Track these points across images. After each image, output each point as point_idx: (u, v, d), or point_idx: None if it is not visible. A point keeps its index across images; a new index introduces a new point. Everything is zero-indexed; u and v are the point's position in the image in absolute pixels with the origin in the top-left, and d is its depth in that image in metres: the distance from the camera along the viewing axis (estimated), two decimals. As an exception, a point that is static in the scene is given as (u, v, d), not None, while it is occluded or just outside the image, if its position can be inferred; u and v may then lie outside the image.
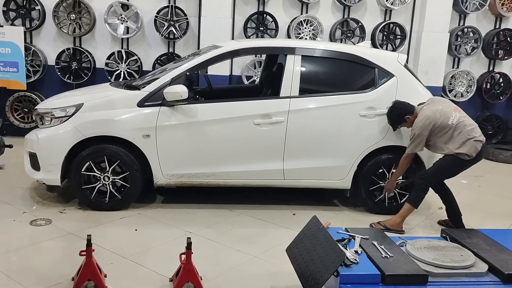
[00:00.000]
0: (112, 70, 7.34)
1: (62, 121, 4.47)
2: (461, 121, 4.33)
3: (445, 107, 4.42)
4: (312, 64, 4.94)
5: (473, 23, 8.19)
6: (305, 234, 3.21)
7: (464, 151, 4.29)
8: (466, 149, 4.29)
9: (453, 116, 4.33)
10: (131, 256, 3.70)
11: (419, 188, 4.43)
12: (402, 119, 4.50)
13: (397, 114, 4.51)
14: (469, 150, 4.29)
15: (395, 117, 4.52)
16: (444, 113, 4.34)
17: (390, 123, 4.60)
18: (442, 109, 4.38)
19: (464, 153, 4.29)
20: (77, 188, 4.54)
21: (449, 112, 4.36)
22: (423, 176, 4.46)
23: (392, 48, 7.91)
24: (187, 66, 4.69)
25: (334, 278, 2.76)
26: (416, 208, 4.49)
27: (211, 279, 3.42)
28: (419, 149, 4.40)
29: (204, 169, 4.63)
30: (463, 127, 4.31)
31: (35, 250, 3.78)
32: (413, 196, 4.48)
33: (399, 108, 4.51)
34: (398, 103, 4.55)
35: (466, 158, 4.32)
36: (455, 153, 4.31)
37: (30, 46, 7.20)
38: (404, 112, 4.49)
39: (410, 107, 4.50)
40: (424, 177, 4.44)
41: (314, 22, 7.55)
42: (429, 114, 4.33)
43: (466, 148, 4.29)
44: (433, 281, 2.78)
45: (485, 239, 3.30)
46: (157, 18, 7.32)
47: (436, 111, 4.35)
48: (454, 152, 4.31)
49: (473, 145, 4.29)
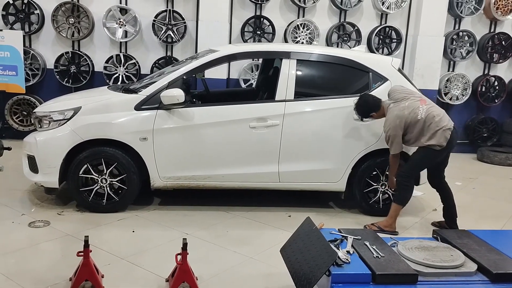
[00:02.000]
0: (111, 73, 7.40)
1: (60, 124, 4.53)
2: (429, 113, 4.35)
3: (411, 102, 4.41)
4: (307, 68, 5.02)
5: (468, 27, 8.27)
6: (299, 235, 3.26)
7: (434, 142, 4.33)
8: (436, 140, 4.32)
9: (421, 110, 4.35)
10: (128, 257, 3.76)
11: (401, 186, 4.50)
12: (368, 114, 4.57)
13: (363, 110, 4.57)
14: (439, 140, 4.33)
15: (361, 112, 4.60)
16: (412, 110, 4.36)
17: (357, 114, 4.65)
18: (409, 105, 4.39)
19: (435, 144, 4.33)
20: (75, 190, 4.60)
21: (416, 107, 4.38)
22: (402, 173, 4.51)
23: (388, 51, 7.98)
24: (183, 70, 4.75)
25: (326, 278, 2.82)
26: (403, 206, 4.55)
27: (207, 279, 3.48)
28: (400, 148, 4.44)
29: (200, 171, 4.69)
30: (431, 118, 4.33)
31: (33, 251, 3.83)
32: (398, 195, 4.55)
33: (363, 103, 4.56)
34: (363, 100, 4.58)
35: (437, 148, 4.36)
36: (426, 145, 4.36)
37: (29, 50, 7.27)
38: (368, 107, 4.54)
39: (376, 103, 4.54)
40: (403, 174, 4.50)
41: (311, 26, 7.63)
42: (398, 113, 4.36)
43: (436, 139, 4.32)
44: (423, 281, 2.83)
45: (475, 239, 3.35)
46: (155, 22, 7.39)
47: (404, 108, 4.38)
48: (425, 144, 4.36)
49: (442, 134, 4.33)
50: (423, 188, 5.32)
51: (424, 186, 5.12)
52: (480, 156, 8.14)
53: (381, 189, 4.96)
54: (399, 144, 4.42)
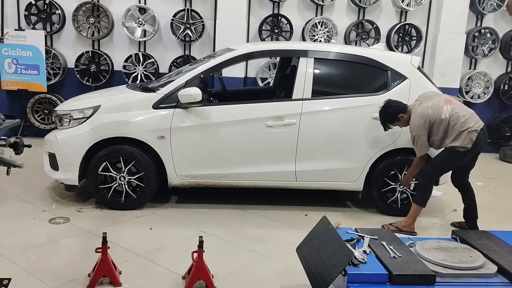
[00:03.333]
0: (130, 72, 7.49)
1: (80, 122, 4.60)
2: (454, 113, 4.25)
3: (436, 102, 4.33)
4: (324, 67, 4.99)
5: (491, 24, 8.11)
6: (315, 234, 3.25)
7: (458, 143, 4.22)
8: (460, 142, 4.22)
9: (445, 110, 4.26)
10: (145, 254, 3.80)
11: (421, 187, 4.43)
12: (396, 118, 4.42)
13: (391, 112, 4.42)
14: (463, 142, 4.21)
15: (390, 115, 4.43)
16: (436, 109, 4.28)
17: (382, 122, 4.48)
18: (433, 104, 4.31)
19: (459, 146, 4.23)
20: (94, 187, 4.66)
21: (440, 107, 4.29)
22: (423, 173, 4.44)
23: (408, 49, 7.88)
24: (201, 68, 4.78)
25: (342, 277, 2.80)
26: (424, 207, 4.48)
27: (222, 277, 3.49)
28: (426, 149, 4.34)
29: (217, 170, 4.71)
30: (456, 119, 4.23)
31: (53, 247, 3.91)
32: (418, 195, 4.48)
33: (392, 106, 4.43)
34: (391, 101, 4.48)
35: (462, 150, 4.26)
36: (451, 146, 4.27)
37: (50, 50, 7.40)
38: (398, 110, 4.41)
39: (403, 105, 4.45)
40: (425, 175, 4.42)
41: (329, 24, 7.58)
42: (422, 112, 4.28)
43: (460, 141, 4.22)
44: (441, 282, 2.80)
45: (496, 240, 3.30)
46: (174, 21, 7.44)
47: (428, 107, 4.29)
48: (449, 146, 4.27)
49: (467, 136, 4.21)
50: (443, 188, 5.24)
51: (444, 186, 5.04)
52: (503, 156, 7.98)
53: (399, 188, 4.90)
54: (424, 145, 4.31)
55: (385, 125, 4.52)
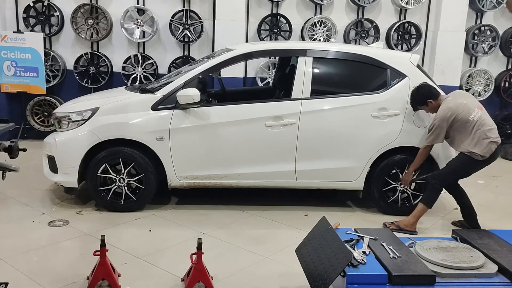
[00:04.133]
0: (129, 74, 7.47)
1: (79, 124, 4.59)
2: (482, 120, 4.30)
3: (469, 103, 4.39)
4: (323, 66, 4.97)
5: (490, 21, 8.08)
6: (314, 235, 3.23)
7: (478, 151, 4.26)
8: (480, 149, 4.26)
9: (475, 113, 4.30)
10: (145, 256, 3.79)
11: (432, 188, 4.41)
12: (425, 102, 4.48)
13: (422, 94, 4.48)
14: (483, 150, 4.26)
15: (419, 97, 4.50)
16: (467, 108, 4.31)
17: (411, 102, 4.58)
18: (466, 103, 4.35)
19: (478, 153, 4.26)
20: (94, 190, 4.65)
21: (472, 108, 4.33)
22: (437, 176, 4.43)
23: (408, 48, 7.86)
24: (199, 69, 4.76)
25: (341, 278, 2.78)
26: (430, 208, 4.46)
27: (222, 279, 3.48)
28: (439, 140, 4.37)
29: (217, 171, 4.69)
30: (482, 125, 4.28)
31: (52, 250, 3.90)
32: (427, 196, 4.46)
33: (425, 89, 4.50)
34: (426, 84, 4.55)
35: (479, 158, 4.28)
36: (469, 152, 4.28)
37: (49, 52, 7.39)
38: (429, 94, 4.47)
39: (436, 92, 4.51)
40: (438, 177, 4.42)
41: (328, 23, 7.55)
42: (452, 106, 4.31)
43: (481, 148, 4.25)
44: (441, 282, 2.77)
45: (496, 239, 3.27)
46: (172, 22, 7.42)
47: (460, 104, 4.33)
48: (468, 151, 4.28)
49: (488, 145, 4.26)
50: (444, 187, 5.21)
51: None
52: (504, 154, 7.93)
53: (400, 188, 4.88)
54: (439, 136, 4.34)
55: (414, 105, 4.59)
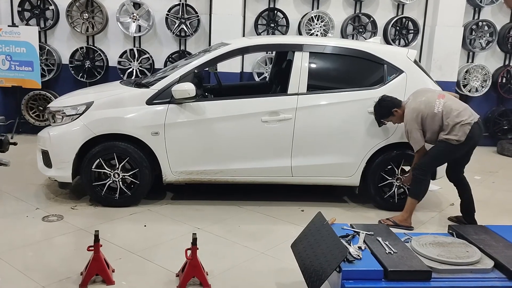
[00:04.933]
0: (125, 68, 7.42)
1: (73, 119, 4.54)
2: (447, 107, 4.24)
3: (429, 97, 4.34)
4: (320, 61, 4.94)
5: (488, 17, 8.05)
6: (310, 230, 3.21)
7: (452, 137, 4.21)
8: (453, 135, 4.21)
9: (438, 104, 4.26)
10: (139, 252, 3.76)
11: (416, 180, 4.40)
12: (390, 112, 4.44)
13: (385, 106, 4.45)
14: (457, 134, 4.20)
15: (384, 109, 4.46)
16: (428, 103, 4.27)
17: (376, 117, 4.53)
18: (426, 99, 4.32)
19: (452, 139, 4.22)
20: (88, 185, 4.62)
21: (433, 101, 4.28)
22: (418, 166, 4.41)
23: (405, 43, 7.83)
24: (195, 64, 4.72)
25: (336, 274, 2.77)
26: (419, 201, 4.45)
27: (217, 274, 3.45)
28: (422, 142, 4.32)
29: (212, 166, 4.66)
30: (449, 113, 4.23)
31: (46, 245, 3.87)
32: (413, 189, 4.44)
33: (387, 101, 4.47)
34: (386, 96, 4.52)
35: (455, 143, 4.23)
36: (445, 139, 4.25)
37: (44, 46, 7.33)
38: (392, 104, 4.43)
39: (398, 101, 4.47)
40: (419, 167, 4.39)
41: (325, 18, 7.51)
42: (414, 106, 4.29)
43: (453, 133, 4.21)
44: (437, 277, 2.76)
45: (493, 235, 3.26)
46: (168, 16, 7.37)
47: (421, 102, 4.30)
48: (443, 138, 4.25)
49: (460, 129, 4.20)
50: (440, 182, 5.20)
51: (441, 180, 5.00)
52: (500, 149, 7.95)
53: (396, 183, 4.86)
54: (418, 139, 4.30)
55: (379, 120, 4.55)
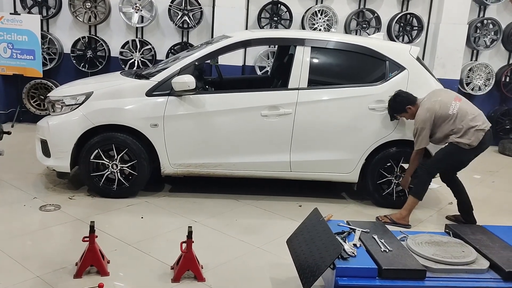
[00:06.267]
0: (127, 59, 7.39)
1: (72, 109, 4.53)
2: (463, 111, 4.23)
3: (445, 98, 4.33)
4: (321, 56, 4.90)
5: (493, 15, 7.97)
6: (306, 226, 3.21)
7: (464, 140, 4.19)
8: (467, 139, 4.18)
9: (453, 106, 4.24)
10: (135, 243, 3.76)
11: (420, 179, 4.38)
12: (404, 109, 4.43)
13: (400, 101, 4.44)
14: (470, 139, 4.18)
15: (398, 105, 4.45)
16: (443, 104, 4.26)
17: (390, 111, 4.54)
18: (441, 99, 4.30)
19: (464, 143, 4.19)
20: (86, 175, 4.61)
21: (448, 102, 4.27)
22: (424, 166, 4.39)
23: (409, 39, 7.76)
24: (196, 56, 4.70)
25: (330, 271, 2.76)
26: (421, 200, 4.43)
27: (212, 268, 3.45)
28: (425, 143, 4.32)
29: (211, 159, 4.65)
30: (464, 116, 4.21)
31: (42, 235, 3.87)
32: (416, 188, 4.42)
33: (402, 96, 4.45)
34: (402, 92, 4.50)
35: (466, 148, 4.21)
36: (456, 142, 4.22)
37: (46, 34, 7.31)
38: (407, 101, 4.42)
39: (414, 98, 4.45)
40: (425, 168, 4.38)
41: (329, 13, 7.45)
42: (429, 106, 4.27)
43: (467, 138, 4.19)
44: (431, 277, 2.76)
45: (489, 235, 3.25)
46: (171, 7, 7.32)
47: (436, 102, 4.28)
48: (455, 141, 4.23)
49: (474, 134, 4.18)
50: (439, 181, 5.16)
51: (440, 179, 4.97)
52: (502, 149, 7.90)
53: (394, 180, 4.84)
54: (425, 138, 4.29)
55: (393, 114, 4.54)
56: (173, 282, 3.22)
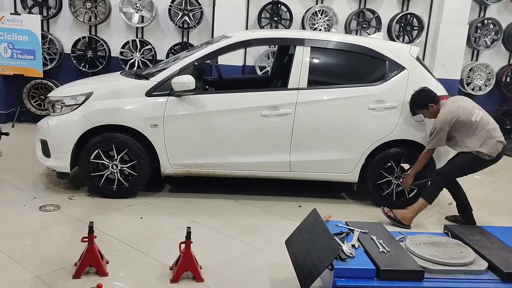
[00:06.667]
0: (127, 59, 7.40)
1: (72, 109, 4.54)
2: (484, 120, 4.29)
3: (469, 105, 4.39)
4: (321, 56, 4.90)
5: (494, 15, 7.96)
6: (304, 227, 3.21)
7: (485, 150, 4.23)
8: (487, 149, 4.23)
9: (476, 114, 4.29)
10: (134, 244, 3.76)
11: (435, 184, 4.39)
12: (426, 106, 4.43)
13: (424, 98, 4.43)
14: (490, 149, 4.23)
15: (421, 100, 4.45)
16: (467, 110, 4.30)
17: (412, 106, 4.53)
18: (465, 105, 4.34)
19: (485, 153, 4.23)
20: (86, 175, 4.62)
21: (472, 110, 4.32)
22: (441, 173, 4.41)
23: (409, 39, 7.76)
24: (195, 56, 4.70)
25: (328, 272, 2.77)
26: (430, 204, 4.44)
27: (211, 268, 3.45)
28: (441, 144, 4.35)
29: (210, 159, 4.65)
30: (485, 125, 4.26)
31: (42, 235, 3.88)
32: (429, 192, 4.43)
33: (427, 92, 4.46)
34: (428, 88, 4.51)
35: (486, 158, 4.26)
36: (477, 151, 4.25)
37: (47, 34, 7.32)
38: (431, 98, 4.42)
39: (438, 97, 4.47)
40: (442, 174, 4.39)
41: (329, 13, 7.45)
42: (452, 110, 4.29)
43: (487, 147, 4.22)
44: (429, 278, 2.76)
45: (488, 236, 3.25)
46: (172, 7, 7.33)
47: (460, 107, 4.31)
48: (475, 150, 4.25)
49: (494, 145, 4.24)
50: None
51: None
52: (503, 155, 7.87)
53: (395, 181, 4.84)
54: (441, 140, 4.31)
55: (413, 109, 4.55)
56: (171, 282, 3.23)
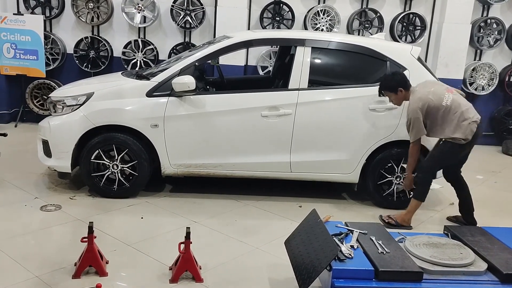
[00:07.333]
0: (129, 59, 7.42)
1: (73, 109, 4.55)
2: (455, 102, 4.18)
3: (437, 89, 4.27)
4: (322, 56, 4.89)
5: (497, 14, 7.92)
6: (303, 227, 3.21)
7: (459, 135, 4.14)
8: (461, 132, 4.14)
9: (447, 97, 4.18)
10: (135, 244, 3.77)
11: (421, 182, 4.35)
12: (395, 89, 4.30)
13: (397, 80, 4.30)
14: (464, 132, 4.14)
15: (393, 82, 4.31)
16: (437, 95, 4.19)
17: (381, 86, 4.38)
18: (434, 90, 4.24)
19: (460, 138, 4.15)
20: (87, 175, 4.63)
21: (442, 94, 4.21)
22: (423, 168, 4.36)
23: (412, 39, 7.74)
24: (196, 56, 4.70)
25: (327, 273, 2.76)
26: (423, 202, 4.41)
27: (211, 268, 3.46)
28: (422, 133, 4.23)
29: (211, 159, 4.66)
30: (457, 107, 4.16)
31: (42, 235, 3.89)
32: (418, 191, 4.39)
33: (401, 76, 4.36)
34: (401, 73, 4.44)
35: (462, 142, 4.18)
36: (451, 138, 4.18)
37: (49, 35, 7.34)
38: (403, 83, 4.29)
39: (409, 83, 4.34)
40: (424, 169, 4.34)
41: (331, 12, 7.44)
42: (421, 96, 4.19)
43: (461, 131, 4.14)
44: (428, 279, 2.75)
45: (488, 237, 3.24)
46: (174, 7, 7.34)
47: (429, 93, 4.21)
48: (450, 137, 4.18)
49: (468, 127, 4.14)
50: (441, 181, 5.13)
51: (442, 179, 4.94)
52: (505, 149, 7.86)
53: (395, 181, 4.83)
54: (419, 129, 4.19)
55: (381, 91, 4.42)
56: (171, 282, 3.23)
